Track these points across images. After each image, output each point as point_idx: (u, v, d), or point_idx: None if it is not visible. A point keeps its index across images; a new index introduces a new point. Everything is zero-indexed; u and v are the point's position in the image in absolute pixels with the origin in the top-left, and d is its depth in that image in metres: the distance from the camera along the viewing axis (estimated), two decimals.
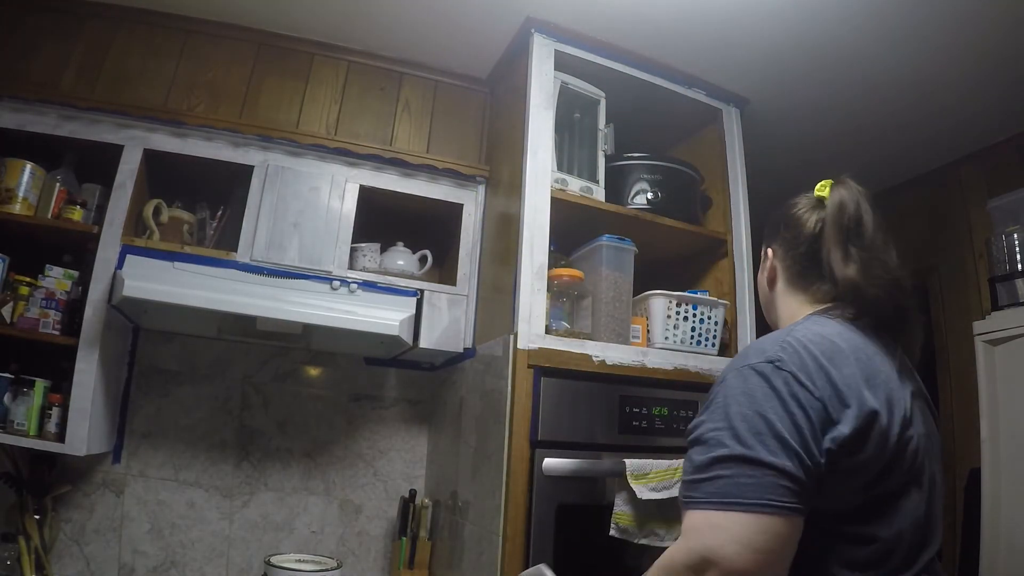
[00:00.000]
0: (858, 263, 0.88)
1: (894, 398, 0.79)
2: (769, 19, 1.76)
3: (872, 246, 0.90)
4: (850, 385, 0.76)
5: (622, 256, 1.78)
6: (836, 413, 0.74)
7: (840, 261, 0.89)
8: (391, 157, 1.89)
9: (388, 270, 1.89)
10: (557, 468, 1.49)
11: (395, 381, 2.13)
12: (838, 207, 0.93)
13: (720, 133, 2.09)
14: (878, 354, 0.83)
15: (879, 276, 0.87)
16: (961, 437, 2.24)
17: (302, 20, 1.94)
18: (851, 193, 0.95)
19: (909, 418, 0.79)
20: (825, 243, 0.92)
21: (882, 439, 0.75)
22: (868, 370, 0.79)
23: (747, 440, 0.71)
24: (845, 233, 0.91)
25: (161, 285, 1.57)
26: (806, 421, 0.73)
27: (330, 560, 1.81)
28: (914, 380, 0.88)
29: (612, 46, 1.91)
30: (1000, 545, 1.71)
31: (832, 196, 0.95)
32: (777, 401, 0.73)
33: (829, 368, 0.77)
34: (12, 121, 1.64)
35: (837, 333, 0.83)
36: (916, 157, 2.47)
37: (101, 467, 1.80)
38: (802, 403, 0.73)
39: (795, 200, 1.04)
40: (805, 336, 0.81)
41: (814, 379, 0.75)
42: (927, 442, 0.82)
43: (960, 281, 2.37)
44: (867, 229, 0.91)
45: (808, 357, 0.77)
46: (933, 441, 0.86)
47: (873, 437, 0.74)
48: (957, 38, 1.77)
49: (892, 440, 0.76)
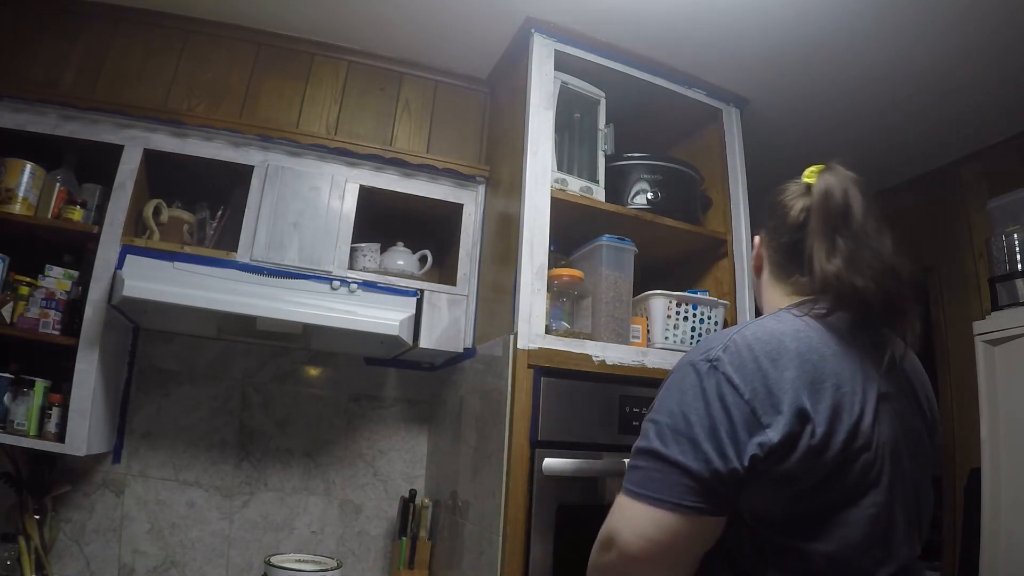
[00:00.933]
0: (844, 254, 0.83)
1: (843, 404, 0.74)
2: (769, 19, 1.76)
3: (861, 234, 0.85)
4: (787, 390, 0.73)
5: (622, 256, 1.78)
6: (766, 418, 0.72)
7: (824, 255, 0.84)
8: (391, 157, 1.89)
9: (388, 270, 1.89)
10: (557, 468, 1.49)
11: (395, 381, 2.13)
12: (824, 195, 0.88)
13: (720, 133, 2.09)
14: (840, 355, 0.78)
15: (868, 265, 0.82)
16: (961, 437, 2.24)
17: (302, 20, 1.94)
18: (839, 180, 0.89)
19: (864, 426, 0.74)
20: (810, 235, 0.87)
21: (815, 450, 0.71)
22: (816, 374, 0.75)
23: (666, 437, 0.74)
24: (831, 223, 0.86)
25: (161, 285, 1.57)
26: (727, 424, 0.72)
27: (330, 560, 1.81)
28: (898, 380, 0.83)
29: (612, 46, 1.91)
30: (1000, 545, 1.71)
31: (818, 184, 0.90)
32: (702, 402, 0.74)
33: (768, 370, 0.74)
34: (12, 121, 1.64)
35: (793, 332, 0.79)
36: (916, 157, 2.47)
37: (101, 467, 1.80)
38: (728, 406, 0.73)
39: (784, 186, 0.98)
40: (754, 334, 0.79)
41: (749, 381, 0.74)
42: (898, 447, 0.77)
43: (960, 281, 2.37)
44: (855, 216, 0.86)
45: (749, 358, 0.76)
46: (910, 445, 0.80)
47: (802, 446, 0.71)
48: (957, 38, 1.77)
49: (832, 451, 0.72)
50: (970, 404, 2.01)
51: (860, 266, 0.82)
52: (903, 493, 0.77)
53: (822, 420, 0.72)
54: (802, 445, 0.71)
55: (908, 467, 0.79)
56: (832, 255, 0.84)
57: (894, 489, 0.75)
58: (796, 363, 0.75)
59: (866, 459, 0.73)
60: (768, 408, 0.72)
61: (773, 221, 0.97)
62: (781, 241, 0.94)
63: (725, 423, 0.72)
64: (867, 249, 0.83)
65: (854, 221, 0.85)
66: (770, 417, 0.72)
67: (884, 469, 0.75)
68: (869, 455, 0.74)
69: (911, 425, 0.82)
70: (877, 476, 0.74)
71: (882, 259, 0.83)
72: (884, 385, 0.79)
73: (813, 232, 0.87)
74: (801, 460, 0.71)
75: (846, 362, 0.78)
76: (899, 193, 2.69)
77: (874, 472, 0.74)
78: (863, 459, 0.73)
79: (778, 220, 0.95)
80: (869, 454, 0.74)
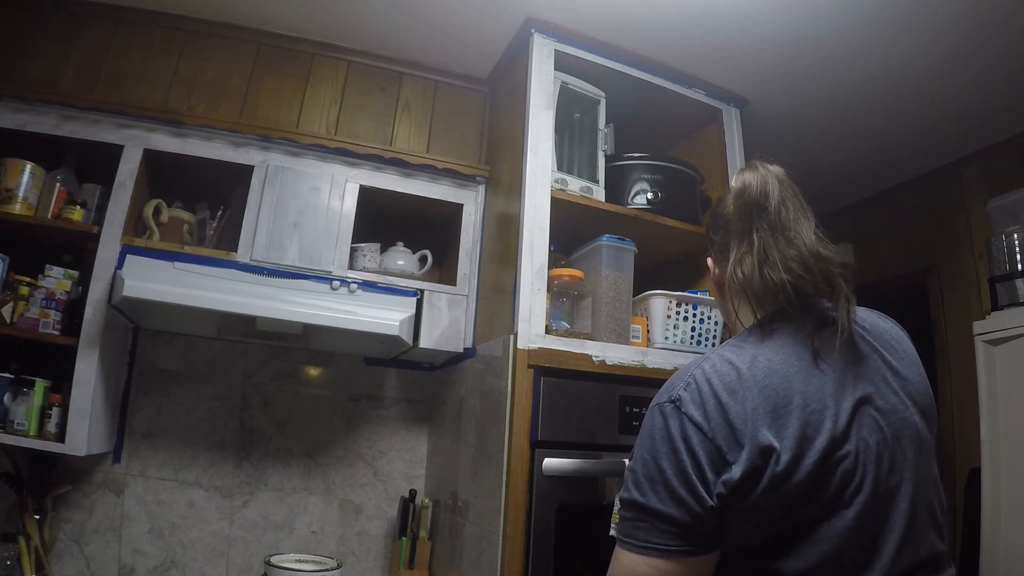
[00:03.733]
0: (756, 250, 0.82)
1: (812, 423, 0.73)
2: (769, 19, 1.76)
3: (778, 225, 0.83)
4: (747, 422, 0.72)
5: (622, 256, 1.78)
6: (731, 454, 0.72)
7: (737, 258, 0.84)
8: (391, 157, 1.88)
9: (388, 270, 1.89)
10: (557, 468, 1.49)
11: (395, 381, 2.13)
12: (740, 192, 0.87)
13: (720, 133, 2.09)
14: (805, 370, 0.77)
15: (781, 255, 0.81)
16: (961, 437, 2.24)
17: (302, 20, 1.94)
18: (756, 175, 0.87)
19: (839, 438, 0.73)
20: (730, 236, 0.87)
21: (781, 477, 0.70)
22: (779, 398, 0.74)
23: (643, 486, 0.76)
24: (748, 218, 0.84)
25: (161, 285, 1.57)
26: (694, 467, 0.73)
27: (330, 560, 1.81)
28: (876, 376, 0.80)
29: (612, 46, 1.91)
30: (1000, 545, 1.71)
31: (735, 183, 0.88)
32: (669, 446, 0.75)
33: (728, 404, 0.74)
34: (12, 121, 1.64)
35: (751, 359, 0.78)
36: (916, 157, 2.47)
37: (101, 467, 1.80)
38: (693, 447, 0.73)
39: (722, 196, 0.95)
40: (713, 367, 0.78)
41: (711, 419, 0.74)
42: (884, 449, 0.75)
43: (960, 281, 2.37)
44: (771, 208, 0.84)
45: (709, 393, 0.75)
46: (907, 441, 0.77)
47: (767, 479, 0.70)
48: (957, 38, 1.77)
49: (802, 473, 0.71)
50: (970, 404, 2.01)
51: (772, 258, 0.81)
52: (910, 491, 0.75)
53: (788, 446, 0.71)
54: (767, 476, 0.71)
55: (911, 464, 0.77)
56: (745, 255, 0.84)
57: (877, 492, 0.73)
58: (755, 392, 0.75)
59: (845, 470, 0.72)
60: (732, 443, 0.72)
61: (715, 236, 0.96)
62: (727, 252, 0.91)
63: (693, 464, 0.73)
64: (782, 239, 0.82)
65: (770, 212, 0.84)
66: (734, 453, 0.72)
67: (868, 476, 0.73)
68: (848, 465, 0.72)
69: (903, 421, 0.79)
70: (860, 484, 0.73)
71: (797, 246, 0.82)
72: (861, 388, 0.78)
73: (731, 232, 0.87)
74: (767, 491, 0.71)
75: (812, 376, 0.76)
76: (899, 193, 2.69)
77: (856, 481, 0.73)
78: (841, 471, 0.72)
79: (715, 234, 0.94)
80: (848, 463, 0.72)
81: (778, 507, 0.72)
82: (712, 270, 0.99)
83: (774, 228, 0.83)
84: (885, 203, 2.77)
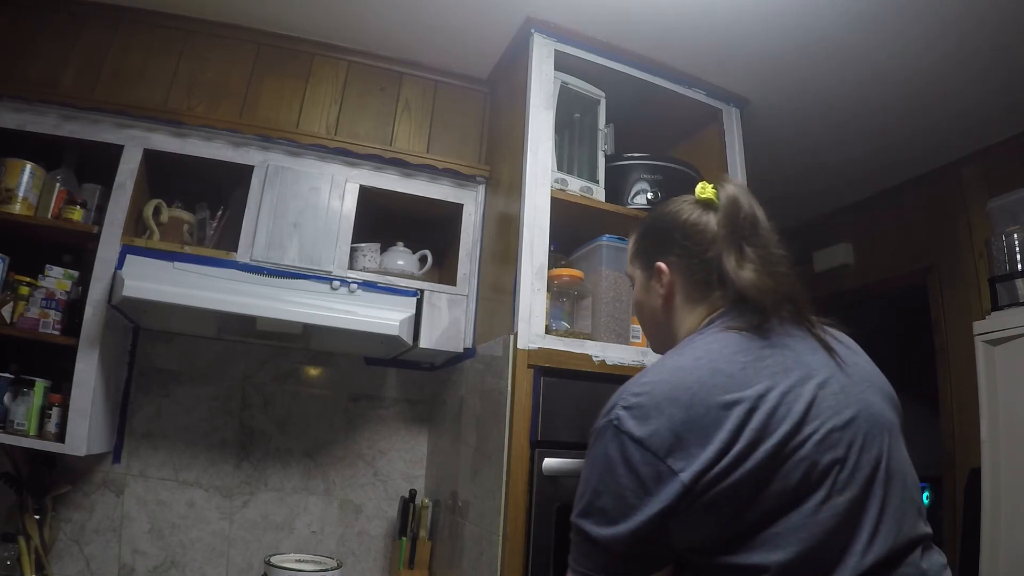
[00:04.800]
0: (755, 262, 0.86)
1: (760, 419, 0.72)
2: (769, 19, 1.76)
3: (765, 239, 0.89)
4: (692, 428, 0.72)
5: (622, 256, 1.78)
6: (676, 463, 0.71)
7: (734, 263, 0.86)
8: (391, 157, 1.88)
9: (388, 270, 1.89)
10: (557, 468, 1.49)
11: (395, 381, 2.13)
12: (732, 205, 0.90)
13: (720, 133, 2.09)
14: (753, 365, 0.77)
15: (775, 267, 0.86)
16: (961, 437, 2.24)
17: (302, 20, 1.94)
18: (740, 190, 0.92)
19: (792, 431, 0.72)
20: (720, 245, 0.89)
21: (734, 475, 0.70)
22: (724, 398, 0.73)
23: (586, 512, 0.77)
24: (740, 232, 0.88)
25: (161, 285, 1.57)
26: (634, 486, 0.72)
27: (330, 560, 1.81)
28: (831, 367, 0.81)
29: (612, 46, 1.91)
30: (1000, 545, 1.71)
31: (726, 196, 0.91)
32: (609, 471, 0.75)
33: (672, 413, 0.73)
34: (12, 121, 1.64)
35: (693, 362, 0.79)
36: (916, 157, 2.46)
37: (101, 467, 1.80)
38: (633, 466, 0.73)
39: (677, 208, 0.98)
40: (655, 377, 0.79)
41: (652, 431, 0.73)
42: (845, 435, 0.75)
43: (960, 281, 2.37)
44: (761, 225, 0.89)
45: (650, 405, 0.75)
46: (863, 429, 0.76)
47: (719, 476, 0.70)
48: (957, 38, 1.77)
49: (753, 469, 0.70)
50: (970, 404, 2.01)
51: (770, 273, 0.86)
52: (883, 474, 0.75)
53: (736, 444, 0.71)
54: (718, 475, 0.70)
55: (881, 446, 0.77)
56: (742, 262, 0.87)
57: (853, 478, 0.73)
58: (700, 396, 0.74)
59: (801, 463, 0.71)
60: (676, 452, 0.72)
61: (689, 241, 0.95)
62: (704, 258, 0.93)
63: (633, 485, 0.73)
64: (771, 253, 0.88)
65: (760, 228, 0.89)
66: (679, 461, 0.71)
67: (830, 467, 0.72)
68: (803, 456, 0.72)
69: (867, 405, 0.79)
70: (822, 476, 0.72)
71: (783, 261, 0.88)
72: (820, 375, 0.79)
73: (723, 242, 0.89)
74: (723, 489, 0.70)
75: (763, 371, 0.77)
76: (899, 193, 2.69)
77: (816, 473, 0.72)
78: (797, 464, 0.71)
79: (696, 239, 0.94)
80: (803, 454, 0.72)
81: (738, 502, 0.71)
82: (663, 276, 0.97)
83: (767, 247, 0.88)
84: (885, 203, 2.77)
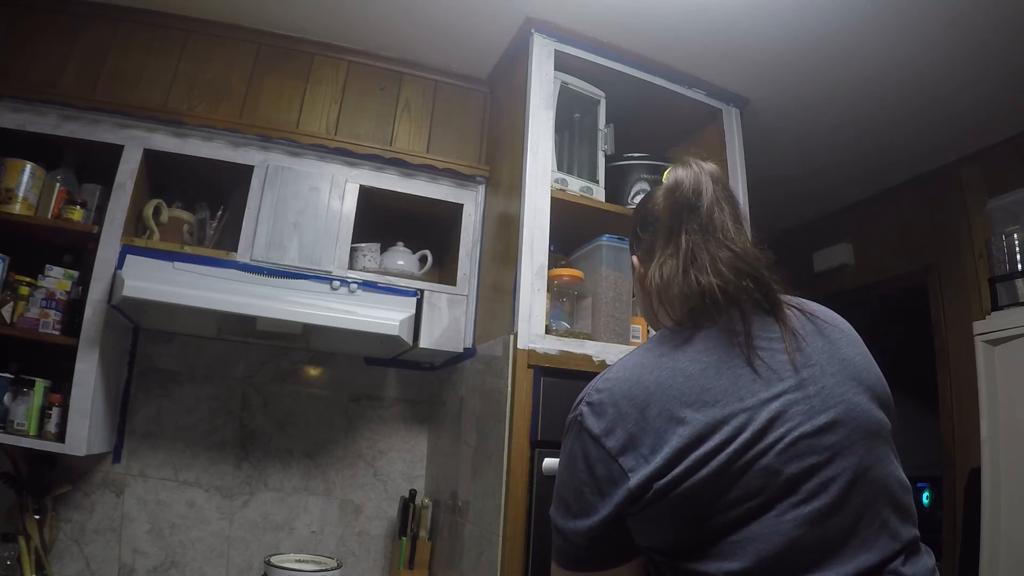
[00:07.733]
0: (684, 251, 0.79)
1: (719, 422, 0.69)
2: (769, 19, 1.76)
3: (709, 226, 0.80)
4: (648, 430, 0.70)
5: (622, 256, 1.78)
6: (628, 462, 0.70)
7: (660, 260, 0.82)
8: (391, 157, 1.88)
9: (388, 270, 1.89)
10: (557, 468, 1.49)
11: (395, 381, 2.13)
12: (671, 189, 0.84)
13: (720, 133, 2.09)
14: (715, 366, 0.73)
15: (713, 257, 0.78)
16: (961, 437, 2.24)
17: (302, 20, 1.94)
18: (690, 172, 0.84)
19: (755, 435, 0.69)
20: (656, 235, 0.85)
21: (689, 479, 0.68)
22: (683, 399, 0.71)
23: (555, 504, 0.79)
24: (678, 217, 0.82)
25: (161, 285, 1.57)
26: (591, 482, 0.73)
27: (330, 560, 1.81)
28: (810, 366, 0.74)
29: (612, 46, 1.91)
30: (1000, 545, 1.71)
31: (667, 178, 0.85)
32: (571, 466, 0.76)
33: (629, 413, 0.72)
34: (12, 121, 1.64)
35: (655, 361, 0.76)
36: (916, 157, 2.47)
37: (101, 467, 1.80)
38: (591, 463, 0.73)
39: (651, 192, 0.93)
40: (616, 375, 0.77)
41: (609, 430, 0.72)
42: (819, 439, 0.69)
43: (960, 281, 2.37)
44: (703, 207, 0.81)
45: (609, 403, 0.74)
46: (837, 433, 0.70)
47: (674, 480, 0.68)
48: (957, 38, 1.77)
49: (711, 473, 0.67)
50: (970, 404, 2.02)
51: (700, 260, 0.79)
52: (859, 479, 0.70)
53: (692, 451, 0.68)
54: (671, 483, 0.68)
55: (858, 450, 0.71)
56: (670, 257, 0.82)
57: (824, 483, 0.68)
58: (657, 397, 0.72)
59: (761, 472, 0.68)
60: (629, 452, 0.71)
61: (644, 234, 0.92)
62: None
63: (590, 483, 0.73)
64: (712, 241, 0.80)
65: (702, 213, 0.81)
66: (630, 460, 0.70)
67: (797, 476, 0.68)
68: (764, 465, 0.68)
69: (847, 405, 0.72)
70: (787, 485, 0.68)
71: (729, 248, 0.79)
72: (792, 377, 0.73)
73: (659, 231, 0.85)
74: (677, 496, 0.68)
75: (724, 373, 0.72)
76: (899, 193, 2.69)
77: (779, 482, 0.67)
78: (757, 473, 0.68)
79: (648, 232, 0.90)
80: (764, 463, 0.68)
81: (698, 509, 0.69)
82: (636, 268, 0.95)
83: (705, 229, 0.81)
84: (885, 203, 2.77)
